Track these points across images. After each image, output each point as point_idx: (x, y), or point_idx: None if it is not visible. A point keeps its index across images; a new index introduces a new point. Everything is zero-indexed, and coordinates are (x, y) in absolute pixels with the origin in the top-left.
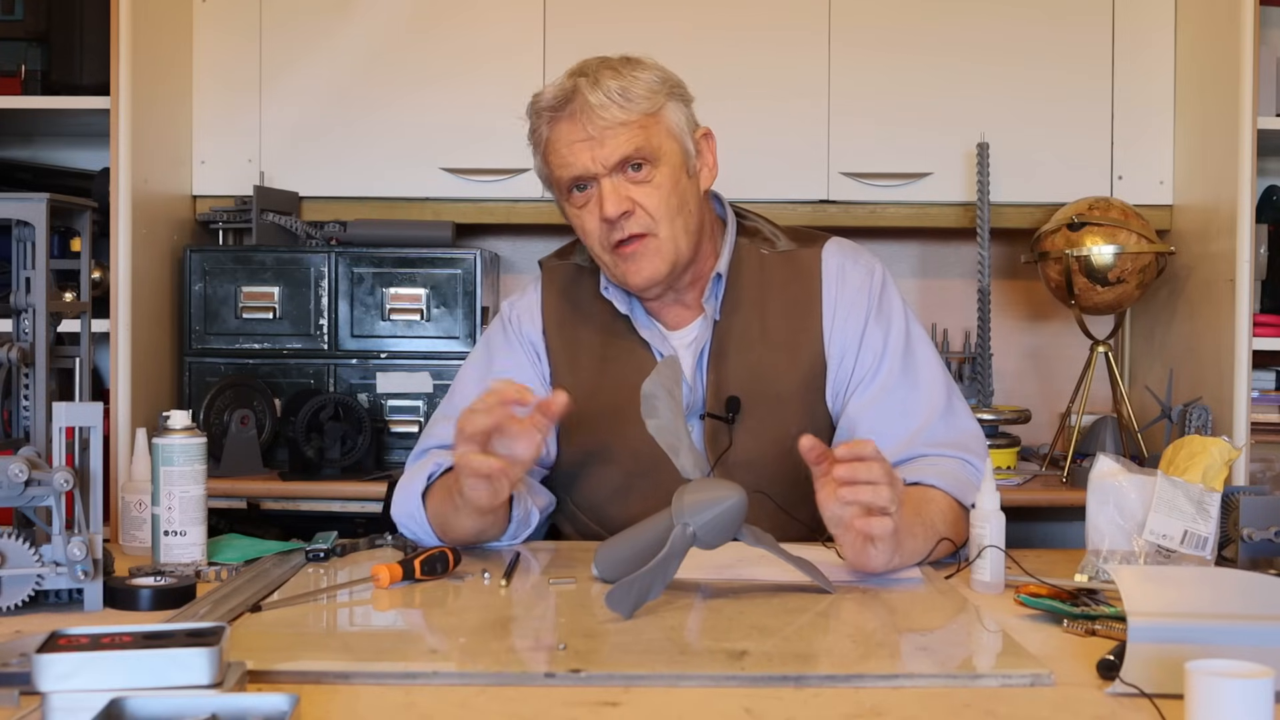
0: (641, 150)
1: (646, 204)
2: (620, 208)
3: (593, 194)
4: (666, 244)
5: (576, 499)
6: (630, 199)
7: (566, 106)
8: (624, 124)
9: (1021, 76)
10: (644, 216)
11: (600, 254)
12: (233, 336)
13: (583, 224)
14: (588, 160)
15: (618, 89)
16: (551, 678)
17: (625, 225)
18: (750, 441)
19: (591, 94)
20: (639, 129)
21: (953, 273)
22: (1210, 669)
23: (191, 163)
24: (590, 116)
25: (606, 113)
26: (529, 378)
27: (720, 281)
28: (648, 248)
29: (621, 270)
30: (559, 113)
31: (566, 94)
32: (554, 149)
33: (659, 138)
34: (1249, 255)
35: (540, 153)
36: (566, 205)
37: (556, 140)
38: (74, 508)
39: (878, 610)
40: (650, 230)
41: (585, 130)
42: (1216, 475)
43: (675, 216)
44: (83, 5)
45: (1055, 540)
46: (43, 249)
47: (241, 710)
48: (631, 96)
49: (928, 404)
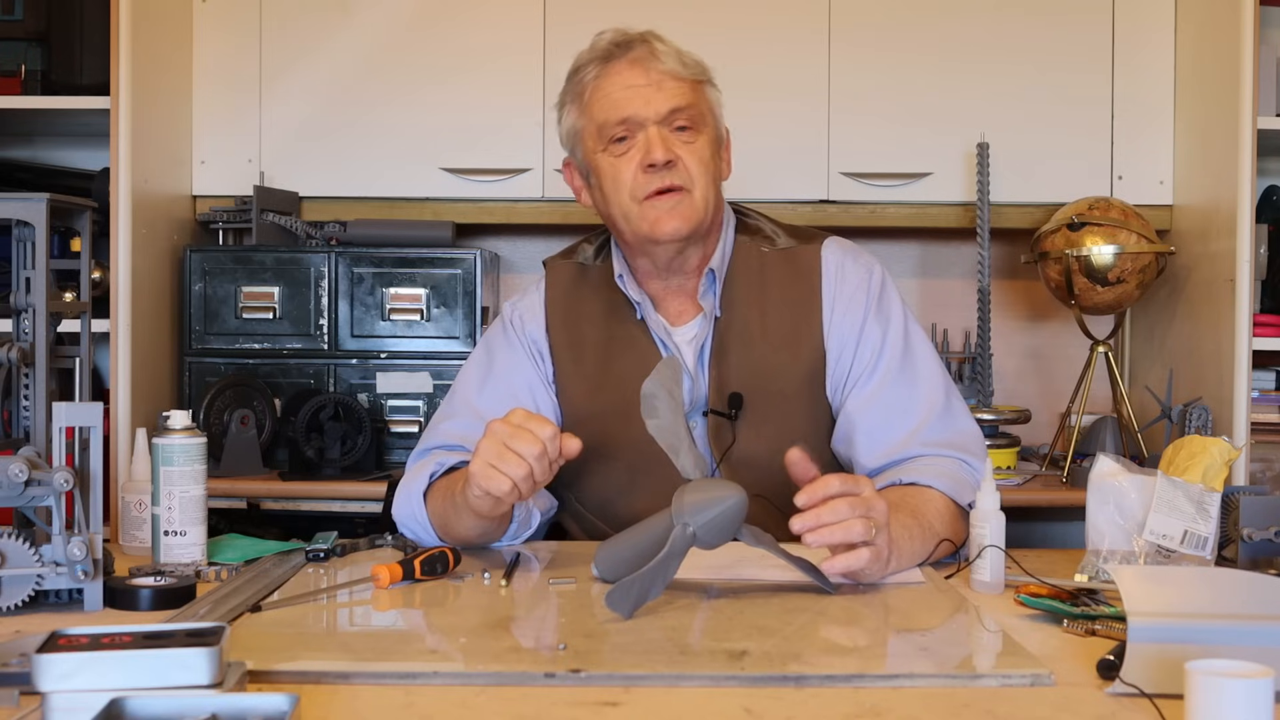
0: (692, 106)
1: (688, 159)
2: (667, 155)
3: (634, 143)
4: (699, 203)
5: (581, 496)
6: (674, 150)
7: (629, 51)
8: (680, 79)
9: (1021, 76)
10: (684, 171)
11: (629, 205)
12: (233, 336)
13: (616, 173)
14: (641, 104)
15: (677, 50)
16: (551, 678)
17: (666, 174)
18: (753, 437)
19: (657, 43)
20: (691, 89)
21: (953, 273)
22: (1210, 669)
23: (191, 163)
24: (653, 63)
25: (669, 62)
26: (530, 378)
27: (714, 277)
28: (684, 201)
29: (651, 218)
30: (620, 53)
31: (629, 40)
32: (604, 91)
33: (704, 105)
34: (1249, 255)
35: (581, 101)
36: (599, 156)
37: (610, 82)
38: (74, 508)
39: (878, 610)
40: (687, 185)
41: (646, 75)
42: (1216, 475)
43: (710, 184)
44: (83, 5)
45: (1055, 540)
46: (43, 249)
47: (241, 710)
48: (687, 60)
49: (926, 404)
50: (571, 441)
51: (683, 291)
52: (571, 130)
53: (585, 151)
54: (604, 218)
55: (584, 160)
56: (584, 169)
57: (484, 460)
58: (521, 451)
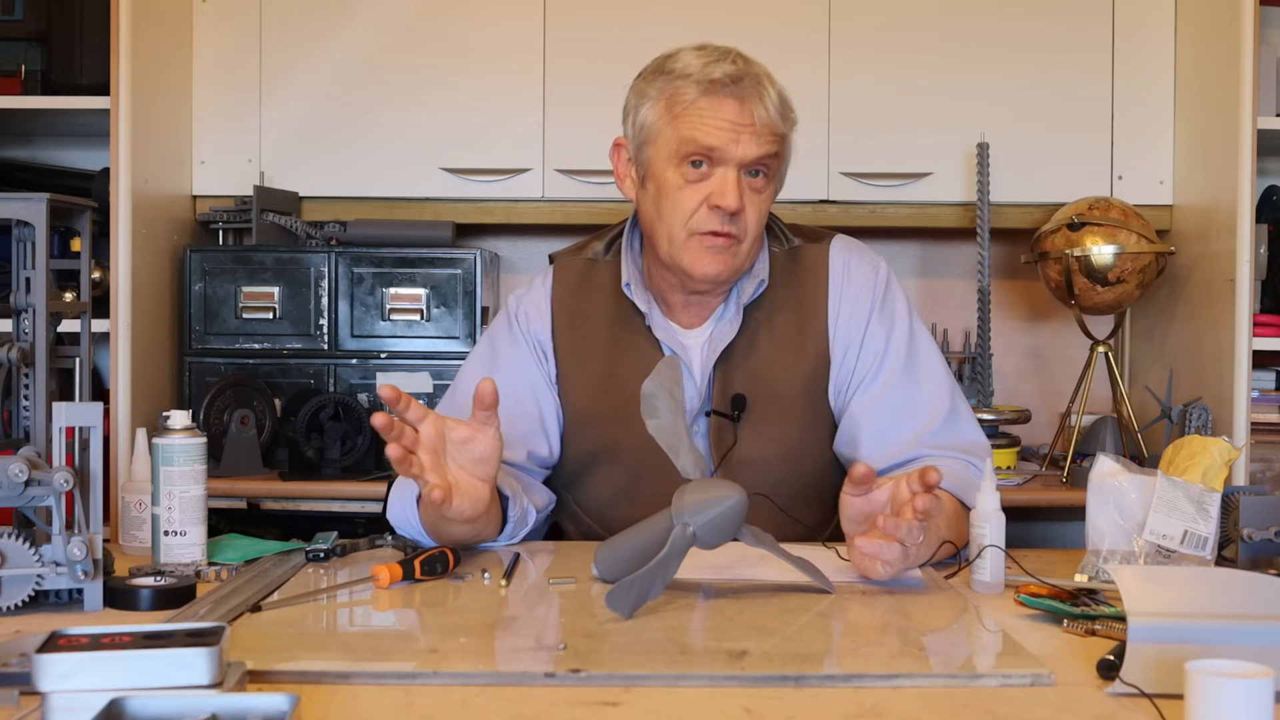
0: (775, 159)
1: (750, 212)
2: (739, 205)
3: (708, 174)
4: (744, 255)
5: (580, 498)
6: (743, 201)
7: (739, 85)
8: (775, 130)
9: (1021, 76)
10: (744, 222)
11: (677, 232)
12: (233, 336)
13: (681, 197)
14: (733, 143)
15: (782, 95)
16: (551, 678)
17: (728, 222)
18: (755, 439)
19: (768, 88)
20: (778, 141)
21: (953, 273)
22: (1210, 669)
23: (191, 163)
24: (759, 108)
25: (771, 110)
26: (532, 375)
27: (763, 286)
28: (731, 250)
29: (694, 256)
30: (731, 88)
31: (741, 74)
32: (701, 116)
33: (784, 156)
34: (1249, 255)
35: (671, 108)
36: (668, 170)
37: (709, 110)
38: (74, 508)
39: (878, 610)
40: (740, 236)
41: (750, 117)
42: (1216, 475)
43: (758, 236)
44: (83, 5)
45: (1055, 540)
46: (43, 249)
47: (241, 710)
48: (787, 112)
49: (930, 407)
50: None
51: (701, 301)
52: (648, 126)
53: (653, 154)
54: (643, 221)
55: (648, 161)
56: (642, 167)
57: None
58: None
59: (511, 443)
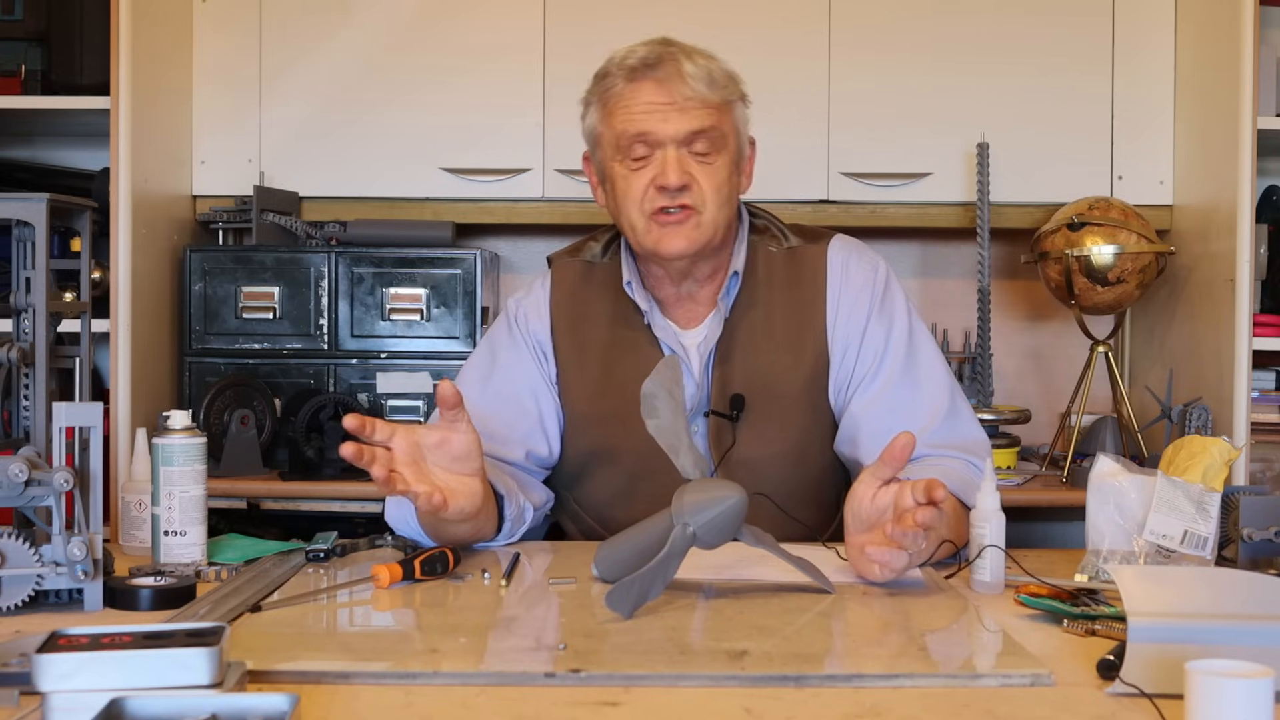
0: (713, 130)
1: (704, 183)
2: (681, 179)
3: (650, 159)
4: (707, 225)
5: (579, 498)
6: (690, 174)
7: (658, 68)
8: (705, 102)
9: (1021, 76)
10: (698, 193)
11: (635, 218)
12: (233, 336)
13: (628, 185)
14: (661, 123)
15: (706, 68)
16: (551, 678)
17: (678, 196)
18: (754, 440)
19: (686, 63)
20: (715, 111)
21: (953, 273)
22: (1210, 669)
23: (191, 163)
24: (679, 85)
25: (696, 84)
26: (532, 377)
27: (737, 279)
28: (690, 220)
29: (656, 236)
30: (647, 72)
31: (659, 57)
32: (626, 106)
33: (726, 126)
34: (1249, 255)
35: (604, 108)
36: (614, 165)
37: (634, 98)
38: (74, 508)
39: (877, 610)
40: (699, 206)
41: (670, 95)
42: (1216, 475)
43: (723, 205)
44: (83, 5)
45: (1055, 540)
46: (43, 249)
47: (241, 710)
48: (716, 80)
49: (930, 407)
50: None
51: (694, 297)
52: (592, 131)
53: (603, 156)
54: (614, 220)
55: (601, 163)
56: (600, 170)
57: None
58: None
59: (510, 442)
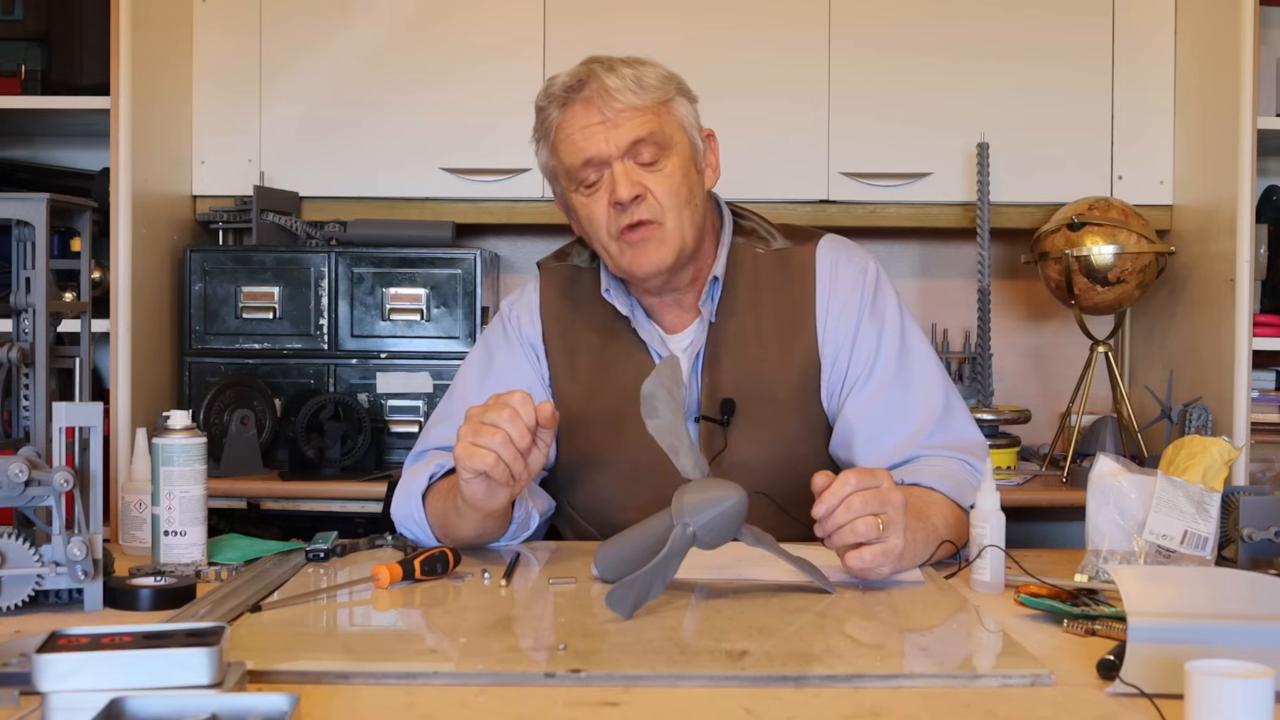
0: (654, 135)
1: (657, 191)
2: (632, 191)
3: (602, 181)
4: (673, 234)
5: (574, 502)
6: (641, 184)
7: (582, 90)
8: (638, 109)
9: (1021, 76)
10: (654, 203)
11: (606, 243)
12: (233, 336)
13: (590, 212)
14: (601, 143)
15: (632, 76)
16: (551, 678)
17: (635, 210)
18: (745, 444)
19: (608, 78)
20: (652, 115)
21: (953, 273)
22: (1210, 669)
23: (191, 163)
24: (606, 100)
25: (622, 96)
26: (528, 378)
27: (717, 284)
28: (654, 235)
29: (628, 258)
30: (573, 95)
31: (581, 78)
32: (565, 134)
33: (670, 127)
34: (1249, 255)
35: (549, 142)
36: (573, 196)
37: (569, 125)
38: (74, 508)
39: (878, 610)
40: (658, 218)
41: (600, 113)
42: (1216, 475)
43: (683, 207)
44: (83, 5)
45: (1055, 540)
46: (43, 249)
47: (241, 710)
48: (645, 84)
49: (924, 407)
50: (545, 406)
51: (679, 303)
52: (546, 167)
53: (562, 189)
54: (591, 246)
55: (561, 196)
56: (563, 203)
57: (464, 442)
58: (494, 420)
59: None
